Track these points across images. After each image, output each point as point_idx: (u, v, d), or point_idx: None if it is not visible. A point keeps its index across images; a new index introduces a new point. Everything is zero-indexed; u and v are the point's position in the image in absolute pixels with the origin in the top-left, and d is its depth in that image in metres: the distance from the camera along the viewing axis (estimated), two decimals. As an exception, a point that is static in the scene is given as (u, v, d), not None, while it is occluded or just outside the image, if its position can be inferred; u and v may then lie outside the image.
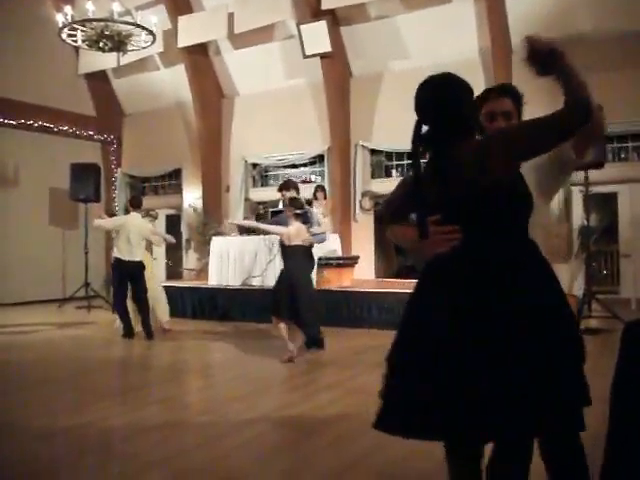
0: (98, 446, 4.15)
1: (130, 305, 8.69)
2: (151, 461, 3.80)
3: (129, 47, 9.38)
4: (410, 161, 2.35)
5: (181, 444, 4.19)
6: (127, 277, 8.60)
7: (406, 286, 7.47)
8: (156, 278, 9.56)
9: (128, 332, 8.55)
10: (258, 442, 4.24)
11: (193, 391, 6.13)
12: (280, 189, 8.09)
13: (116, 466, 3.75)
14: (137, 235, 8.69)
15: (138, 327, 8.65)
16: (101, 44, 8.79)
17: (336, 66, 12.51)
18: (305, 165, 13.68)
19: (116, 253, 8.65)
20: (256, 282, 10.54)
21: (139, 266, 8.65)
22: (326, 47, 12.10)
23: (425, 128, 2.29)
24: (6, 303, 12.62)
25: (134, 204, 9.06)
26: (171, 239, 9.73)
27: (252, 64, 13.61)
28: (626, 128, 10.41)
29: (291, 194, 7.73)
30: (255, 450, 4.08)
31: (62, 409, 5.15)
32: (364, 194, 12.75)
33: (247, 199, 13.54)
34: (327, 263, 9.89)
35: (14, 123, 13.35)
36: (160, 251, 15.52)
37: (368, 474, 3.60)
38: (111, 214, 10.83)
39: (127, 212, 9.64)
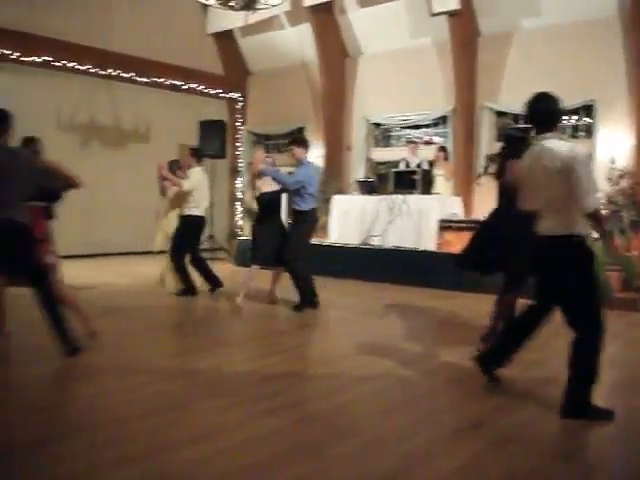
0: (224, 389, 4.35)
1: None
2: (271, 408, 3.95)
3: (258, 5, 9.50)
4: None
5: (300, 394, 4.33)
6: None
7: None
8: None
9: (192, 289, 8.27)
10: (377, 397, 4.33)
11: (312, 343, 6.28)
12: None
13: (241, 409, 3.94)
14: (208, 189, 8.41)
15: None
16: (232, 2, 8.94)
17: (464, 25, 12.12)
18: (428, 126, 13.46)
19: (199, 211, 8.19)
20: (376, 241, 10.60)
21: None
22: (454, 5, 11.74)
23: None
24: (136, 252, 13.29)
25: (199, 156, 8.48)
26: None
27: (377, 23, 13.43)
28: None
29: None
30: (374, 405, 4.16)
31: (185, 352, 5.43)
32: (489, 158, 12.39)
33: (368, 159, 13.53)
34: (448, 226, 9.79)
35: (147, 81, 13.89)
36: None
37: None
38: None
39: (178, 167, 8.73)
